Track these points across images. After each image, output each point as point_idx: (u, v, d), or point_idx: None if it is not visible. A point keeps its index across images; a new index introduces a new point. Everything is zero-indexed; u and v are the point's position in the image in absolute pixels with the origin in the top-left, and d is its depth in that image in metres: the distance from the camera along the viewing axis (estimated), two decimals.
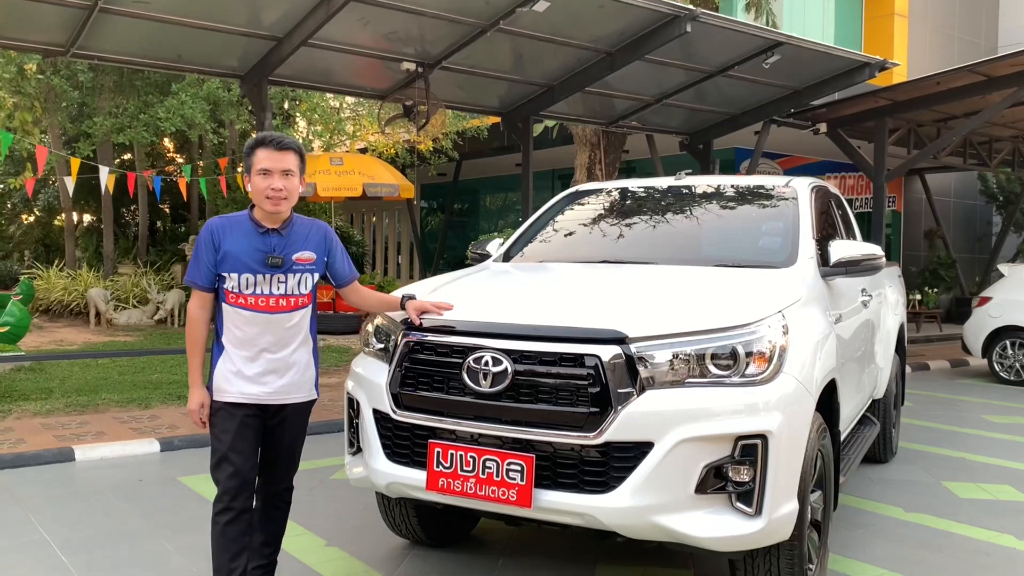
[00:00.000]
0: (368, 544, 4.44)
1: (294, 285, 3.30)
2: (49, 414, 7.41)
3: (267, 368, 3.28)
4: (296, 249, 3.30)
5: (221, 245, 3.24)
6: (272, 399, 3.30)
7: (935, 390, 10.35)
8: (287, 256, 3.27)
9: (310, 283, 3.35)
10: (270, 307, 3.26)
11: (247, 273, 3.23)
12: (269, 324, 3.26)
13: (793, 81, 10.73)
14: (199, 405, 3.32)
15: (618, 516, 3.07)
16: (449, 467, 3.28)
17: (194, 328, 3.32)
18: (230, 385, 3.27)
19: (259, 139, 3.31)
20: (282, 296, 3.28)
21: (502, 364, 3.22)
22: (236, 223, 3.30)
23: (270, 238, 3.27)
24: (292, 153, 3.28)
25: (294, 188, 3.28)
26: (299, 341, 3.34)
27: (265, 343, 3.27)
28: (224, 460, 3.26)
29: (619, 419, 3.07)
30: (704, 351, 3.19)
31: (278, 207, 3.23)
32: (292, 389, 3.34)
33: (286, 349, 3.30)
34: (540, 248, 4.88)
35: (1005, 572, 4.28)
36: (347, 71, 9.27)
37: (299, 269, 3.30)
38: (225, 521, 3.24)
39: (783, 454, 3.16)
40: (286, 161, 3.24)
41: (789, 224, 4.41)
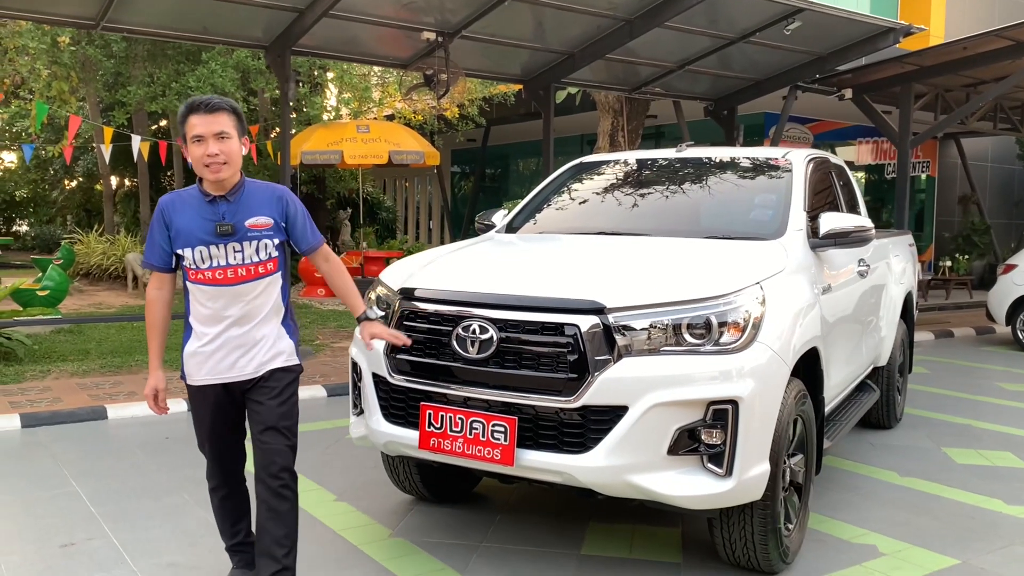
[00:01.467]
0: (375, 500, 4.69)
1: (251, 253, 3.12)
2: (85, 375, 7.78)
3: (233, 344, 3.14)
4: (248, 215, 3.11)
5: (172, 222, 3.11)
6: (241, 377, 3.17)
7: (956, 357, 10.37)
8: (238, 223, 3.09)
9: (270, 249, 3.16)
10: (228, 279, 3.10)
11: (200, 246, 3.08)
12: (233, 297, 3.11)
13: (817, 47, 10.67)
14: (153, 391, 3.24)
15: (594, 475, 3.27)
16: (439, 428, 3.50)
17: (151, 311, 3.22)
18: (198, 367, 3.17)
19: (188, 104, 3.10)
20: (240, 265, 3.11)
21: (488, 332, 3.42)
22: (186, 197, 3.15)
23: (218, 206, 3.10)
24: (225, 114, 3.07)
25: (233, 151, 3.07)
26: (266, 312, 3.17)
27: (230, 317, 3.12)
28: (205, 442, 3.29)
29: (596, 384, 3.26)
30: (679, 321, 3.36)
31: (218, 174, 3.04)
32: (264, 364, 3.18)
33: (251, 322, 3.14)
34: (541, 219, 5.05)
35: (986, 534, 4.42)
36: (369, 41, 9.43)
37: (254, 236, 3.12)
38: (220, 496, 3.37)
39: (754, 419, 3.33)
40: (219, 123, 3.04)
41: (781, 197, 4.53)
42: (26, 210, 26.37)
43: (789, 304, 3.73)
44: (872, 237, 4.41)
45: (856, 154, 19.22)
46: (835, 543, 4.22)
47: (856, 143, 18.98)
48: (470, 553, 3.98)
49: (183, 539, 4.13)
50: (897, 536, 4.33)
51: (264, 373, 3.18)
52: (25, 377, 7.59)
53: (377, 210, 21.04)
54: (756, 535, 3.57)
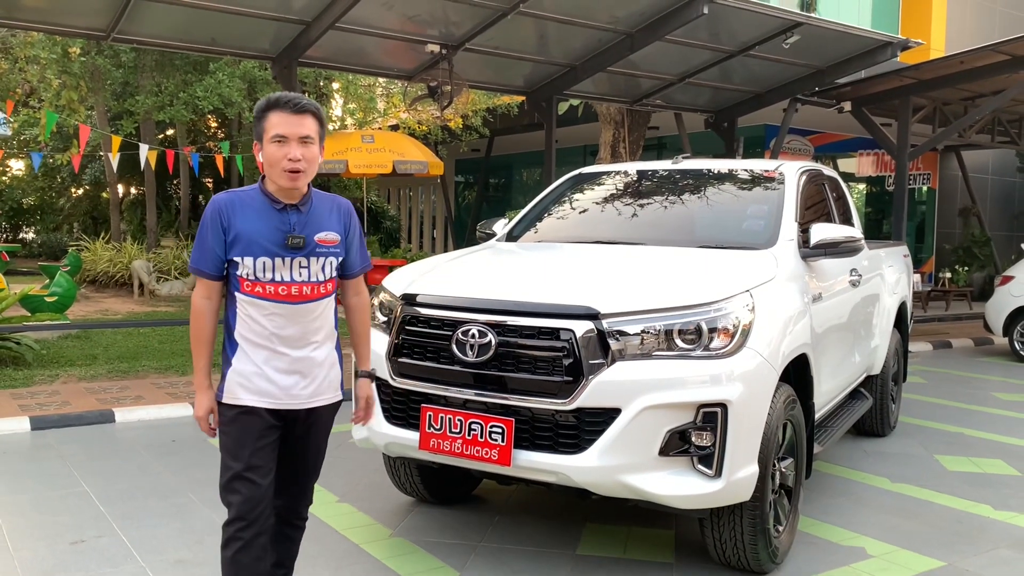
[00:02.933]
0: (376, 501, 4.81)
1: (317, 270, 2.84)
2: (93, 379, 7.92)
3: (291, 368, 2.84)
4: (317, 228, 2.84)
5: (232, 225, 2.78)
6: (297, 404, 2.87)
7: (952, 368, 10.47)
8: (308, 236, 2.82)
9: (333, 268, 2.90)
10: (292, 296, 2.81)
11: (264, 256, 2.77)
12: (293, 316, 2.82)
13: (816, 60, 10.81)
14: (207, 411, 2.88)
15: (588, 474, 3.39)
16: (439, 429, 3.62)
17: (199, 323, 2.86)
18: (247, 388, 2.82)
19: (272, 100, 2.81)
20: (305, 283, 2.82)
21: (487, 337, 3.55)
22: (247, 199, 2.83)
23: (288, 215, 2.80)
24: (311, 116, 2.78)
25: (314, 158, 2.80)
26: (324, 335, 2.92)
27: (287, 338, 2.83)
28: (238, 480, 2.79)
29: (590, 387, 3.38)
30: (671, 326, 3.48)
31: (295, 181, 2.76)
32: (319, 392, 2.92)
33: (310, 345, 2.87)
34: (541, 228, 5.19)
35: (973, 538, 4.52)
36: (374, 53, 9.59)
37: (322, 252, 2.85)
38: (236, 549, 2.79)
39: (742, 422, 3.45)
40: (305, 126, 2.75)
41: (773, 208, 4.65)
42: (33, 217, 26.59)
43: (778, 312, 3.85)
44: (861, 247, 4.54)
45: (857, 166, 19.35)
46: (825, 545, 4.33)
47: (857, 155, 19.11)
48: (469, 552, 4.10)
49: (190, 537, 4.25)
50: (886, 539, 4.43)
51: (318, 407, 2.93)
52: (34, 381, 7.72)
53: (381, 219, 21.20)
54: (746, 535, 3.68)
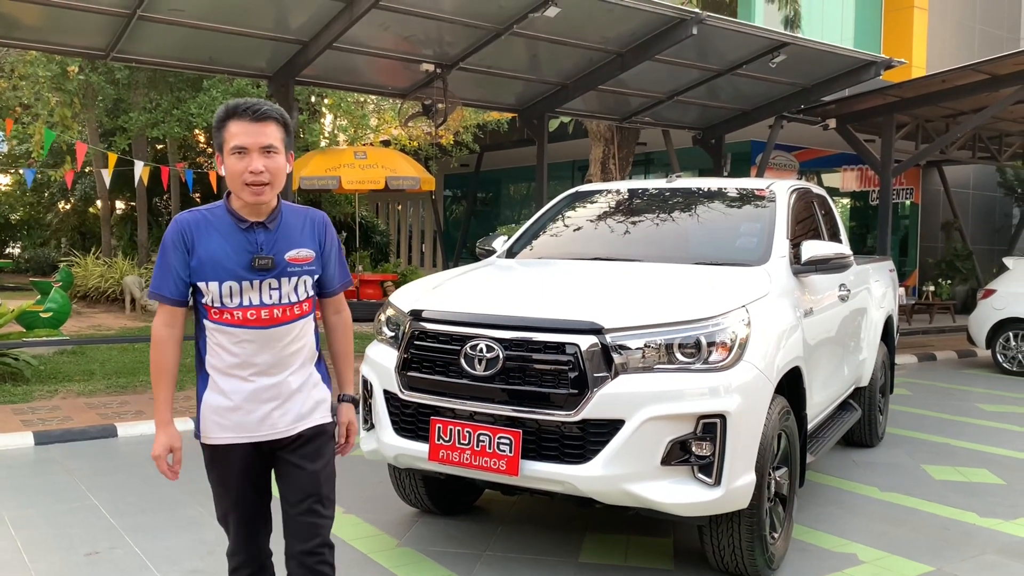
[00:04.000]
0: (382, 512, 4.92)
1: (289, 291, 2.64)
2: (92, 394, 7.98)
3: (266, 396, 2.65)
4: (288, 246, 2.63)
5: (195, 248, 2.58)
6: (277, 433, 2.68)
7: (937, 380, 10.67)
8: (278, 255, 2.61)
9: (308, 287, 2.69)
10: (262, 320, 2.60)
11: (230, 280, 2.57)
12: (265, 342, 2.62)
13: (801, 79, 11.06)
14: (165, 450, 2.68)
15: (593, 484, 3.53)
16: (448, 440, 3.75)
17: (160, 353, 2.64)
18: (219, 424, 2.66)
19: (231, 107, 2.58)
20: (276, 306, 2.62)
21: (495, 351, 3.68)
22: (212, 218, 2.62)
23: (255, 234, 2.60)
24: (274, 124, 2.56)
25: (279, 169, 2.57)
26: (302, 359, 2.71)
27: (260, 365, 2.63)
28: (229, 515, 2.77)
29: (595, 399, 3.52)
30: (672, 341, 3.63)
31: (260, 196, 2.54)
32: (303, 416, 2.71)
33: (286, 371, 2.66)
34: (539, 245, 5.34)
35: (960, 544, 4.68)
36: (370, 71, 9.75)
37: (294, 271, 2.64)
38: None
39: (740, 432, 3.59)
40: (267, 134, 2.53)
41: (765, 225, 4.82)
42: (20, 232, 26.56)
43: (773, 326, 4.01)
44: (851, 264, 4.71)
45: (841, 181, 19.65)
46: (818, 552, 4.48)
47: (841, 170, 19.41)
48: (474, 561, 4.22)
49: (202, 548, 4.35)
50: (876, 546, 4.58)
51: (304, 431, 2.71)
52: (33, 397, 7.79)
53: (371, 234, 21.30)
54: (743, 542, 3.82)
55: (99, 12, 7.56)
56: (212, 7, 7.73)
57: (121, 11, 7.55)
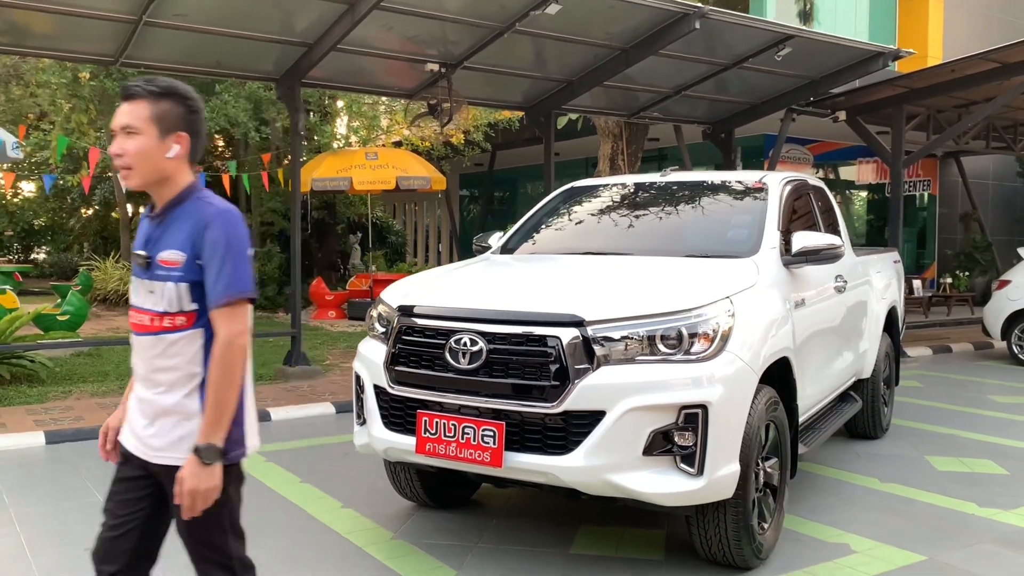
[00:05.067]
0: (379, 506, 4.98)
1: (159, 298, 2.32)
2: (105, 395, 8.11)
3: (142, 408, 2.40)
4: (165, 245, 2.33)
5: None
6: (146, 453, 2.39)
7: (951, 372, 10.58)
8: (155, 254, 2.34)
9: (181, 296, 2.31)
10: (134, 325, 2.39)
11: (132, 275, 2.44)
12: (137, 349, 2.40)
13: (810, 71, 11.02)
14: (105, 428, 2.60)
15: (575, 474, 3.57)
16: (434, 433, 3.80)
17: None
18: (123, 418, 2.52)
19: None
20: (147, 311, 2.35)
21: (478, 344, 3.74)
22: None
23: (150, 226, 2.39)
24: (137, 101, 2.29)
25: (139, 151, 2.28)
26: (173, 381, 2.34)
27: (137, 374, 2.42)
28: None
29: (576, 391, 3.56)
30: (653, 332, 3.66)
31: (125, 181, 2.33)
32: (165, 448, 2.35)
33: (155, 388, 2.35)
34: (534, 240, 5.38)
35: (956, 533, 4.67)
36: (375, 72, 9.83)
37: (160, 275, 2.32)
38: None
39: (722, 422, 3.62)
40: (126, 112, 2.30)
41: (756, 217, 4.83)
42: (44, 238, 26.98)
43: (759, 317, 4.03)
44: (842, 255, 4.71)
45: (857, 174, 19.51)
46: (811, 542, 4.49)
47: (857, 163, 19.27)
48: (466, 553, 4.27)
49: None
50: (870, 536, 4.58)
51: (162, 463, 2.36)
52: (48, 397, 7.93)
53: (387, 234, 21.44)
54: (729, 532, 3.84)
55: (106, 19, 7.69)
56: (217, 12, 7.84)
57: (127, 17, 7.67)
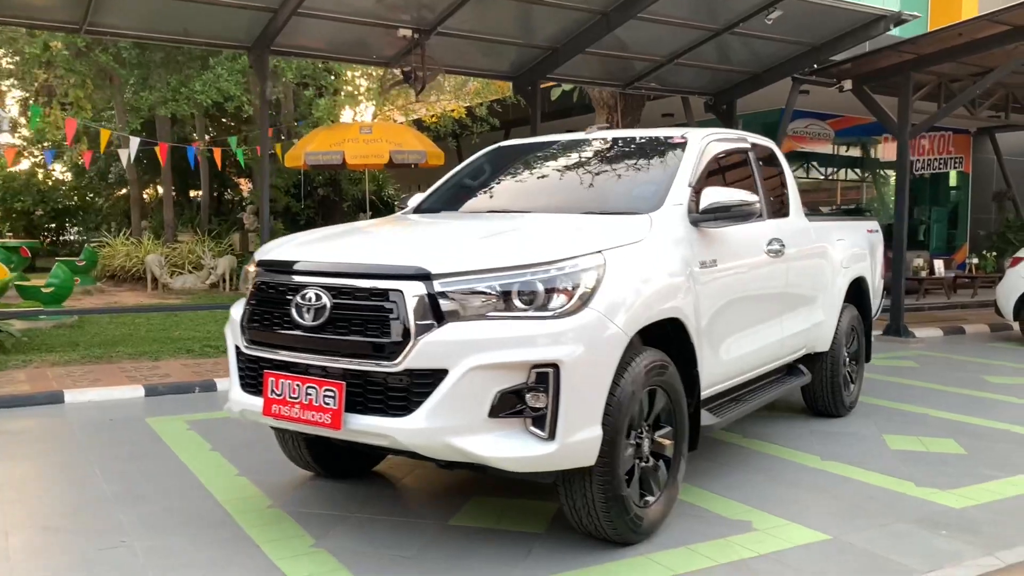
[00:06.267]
0: (275, 475, 4.79)
1: None
2: (66, 364, 8.07)
3: None
4: None
5: None
6: None
7: (956, 352, 10.07)
8: None
9: None
10: None
11: None
12: None
13: (809, 37, 10.53)
14: None
15: (414, 437, 3.32)
16: (280, 394, 3.59)
17: None
18: None
19: None
20: None
21: (323, 300, 3.50)
22: None
23: None
24: None
25: None
26: None
27: None
28: None
29: (417, 348, 3.31)
30: (509, 287, 3.39)
31: None
32: None
33: None
34: (445, 200, 5.13)
35: (877, 512, 4.32)
36: (348, 39, 9.60)
37: None
38: None
39: (578, 383, 3.34)
40: None
41: (667, 173, 4.52)
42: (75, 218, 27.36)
43: (638, 274, 3.73)
44: (755, 212, 4.38)
45: (883, 151, 18.80)
46: (712, 518, 4.19)
47: (883, 139, 18.56)
48: (338, 522, 4.06)
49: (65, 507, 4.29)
50: (781, 514, 4.26)
51: None
52: (7, 366, 7.90)
53: None
54: (597, 502, 3.57)
55: None
56: None
57: None
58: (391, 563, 3.58)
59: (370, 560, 3.61)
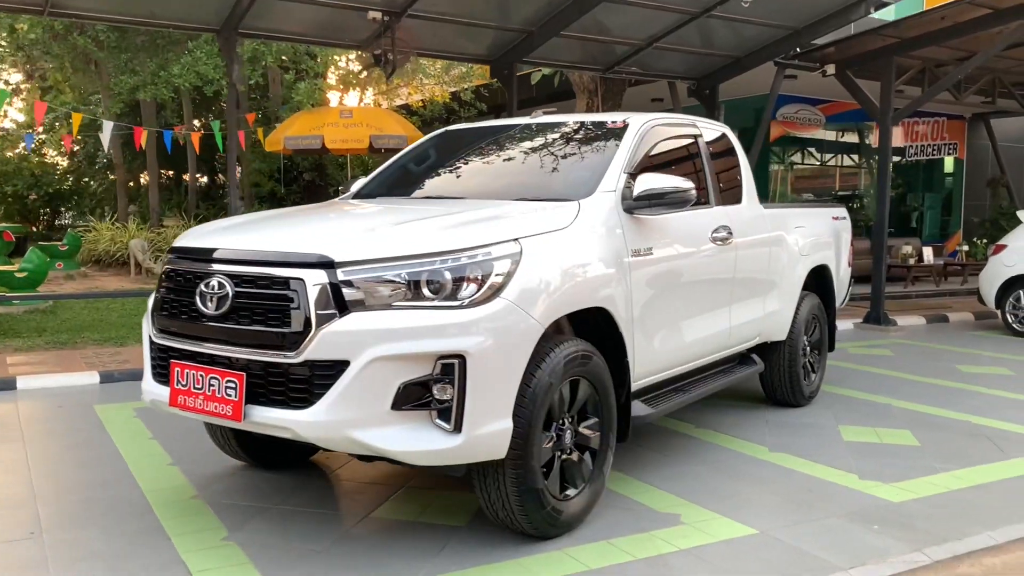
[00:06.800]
0: (208, 466, 4.71)
1: None
2: (28, 351, 8.01)
3: None
4: None
5: None
6: None
7: (934, 342, 9.95)
8: None
9: None
10: None
11: None
12: None
13: (790, 20, 10.38)
14: None
15: (314, 429, 3.24)
16: (185, 385, 3.51)
17: None
18: None
19: None
20: None
21: (225, 288, 3.42)
22: None
23: None
24: None
25: None
26: None
27: None
28: None
29: (318, 339, 3.22)
30: (417, 275, 3.30)
31: None
32: None
33: None
34: (384, 185, 5.03)
35: (813, 505, 4.24)
36: (319, 21, 9.46)
37: None
38: None
39: (486, 374, 3.26)
40: None
41: (604, 160, 4.41)
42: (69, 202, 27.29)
43: (558, 262, 3.64)
44: (690, 199, 4.25)
45: (875, 137, 18.58)
46: (641, 511, 4.10)
47: (875, 125, 18.32)
48: (257, 514, 3.98)
49: None
50: (713, 507, 4.18)
51: None
52: None
53: None
54: (511, 495, 3.49)
55: None
56: None
57: None
58: (299, 557, 3.51)
59: (278, 554, 3.54)
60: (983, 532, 3.94)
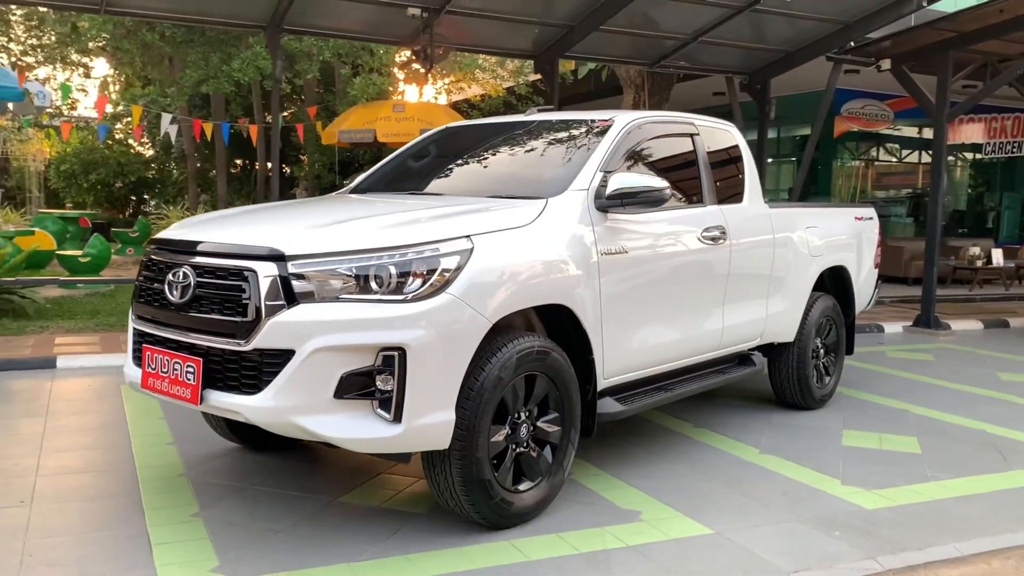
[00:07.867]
0: (204, 446, 4.95)
1: None
2: (78, 332, 8.47)
3: None
4: None
5: None
6: None
7: (984, 347, 9.58)
8: None
9: None
10: None
11: None
12: None
13: (842, 14, 10.21)
14: None
15: (261, 414, 3.40)
16: (154, 368, 3.72)
17: None
18: None
19: None
20: None
21: (189, 278, 3.61)
22: None
23: None
24: None
25: None
26: None
27: None
28: None
29: (266, 328, 3.38)
30: (364, 270, 3.43)
31: None
32: None
33: None
34: (380, 180, 5.18)
35: (780, 508, 4.22)
36: (361, 18, 9.70)
37: None
38: None
39: (427, 367, 3.36)
40: None
41: (581, 158, 4.45)
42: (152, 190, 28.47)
43: (513, 259, 3.71)
44: (664, 198, 4.26)
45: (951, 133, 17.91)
46: (604, 507, 4.15)
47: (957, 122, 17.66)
48: (232, 493, 4.18)
49: None
50: (677, 506, 4.19)
51: None
52: (24, 331, 8.34)
53: None
54: (456, 484, 3.59)
55: None
56: None
57: None
58: (257, 535, 3.68)
59: (238, 531, 3.72)
60: (949, 543, 3.86)
